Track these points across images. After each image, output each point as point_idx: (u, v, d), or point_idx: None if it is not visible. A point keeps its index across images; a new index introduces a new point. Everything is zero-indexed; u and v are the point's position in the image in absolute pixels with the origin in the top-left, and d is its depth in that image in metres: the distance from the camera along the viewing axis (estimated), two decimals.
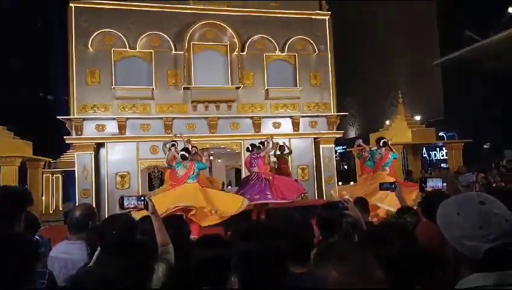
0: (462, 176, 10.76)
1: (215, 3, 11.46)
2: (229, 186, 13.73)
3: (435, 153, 21.79)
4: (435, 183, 3.14)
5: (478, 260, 1.16)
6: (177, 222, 2.95)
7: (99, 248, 2.25)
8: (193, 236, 5.24)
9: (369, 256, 1.08)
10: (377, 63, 24.61)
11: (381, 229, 1.83)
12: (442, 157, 20.55)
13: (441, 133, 17.54)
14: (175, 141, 8.53)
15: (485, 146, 19.61)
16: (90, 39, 10.51)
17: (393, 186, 4.98)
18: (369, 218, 4.81)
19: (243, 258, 1.48)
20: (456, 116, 19.48)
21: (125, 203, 2.53)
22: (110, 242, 2.02)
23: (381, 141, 8.36)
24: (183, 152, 7.39)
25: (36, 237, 3.19)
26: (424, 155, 19.78)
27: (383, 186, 5.14)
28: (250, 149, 8.72)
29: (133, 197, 2.57)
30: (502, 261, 1.14)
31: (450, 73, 20.51)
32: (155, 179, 12.06)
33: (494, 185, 9.79)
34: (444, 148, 18.40)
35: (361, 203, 4.15)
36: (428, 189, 3.09)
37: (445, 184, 3.11)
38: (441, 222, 1.27)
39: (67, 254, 2.64)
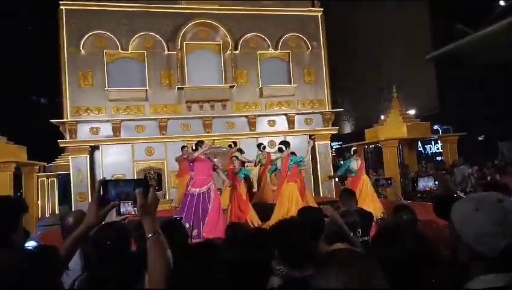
0: (457, 169, 10.76)
1: (207, 2, 11.40)
2: None
3: (430, 147, 21.85)
4: (426, 183, 3.14)
5: (493, 259, 1.15)
6: (174, 226, 2.93)
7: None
8: None
9: (370, 263, 1.05)
10: (371, 58, 24.64)
11: (393, 229, 1.81)
12: (437, 151, 20.62)
13: (435, 127, 17.58)
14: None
15: (480, 138, 19.70)
16: (82, 41, 10.43)
17: (389, 182, 5.06)
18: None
19: (225, 266, 1.54)
20: (450, 109, 19.55)
21: (122, 209, 2.49)
22: (104, 253, 1.99)
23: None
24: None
25: (33, 244, 3.16)
26: (419, 149, 19.83)
27: (379, 182, 5.21)
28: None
29: (129, 203, 2.52)
30: None
31: (443, 66, 20.58)
32: (151, 180, 12.00)
33: (489, 178, 9.81)
34: (439, 141, 18.44)
35: (348, 192, 4.26)
36: (421, 189, 3.09)
37: (436, 182, 3.11)
38: (458, 218, 1.26)
39: None
